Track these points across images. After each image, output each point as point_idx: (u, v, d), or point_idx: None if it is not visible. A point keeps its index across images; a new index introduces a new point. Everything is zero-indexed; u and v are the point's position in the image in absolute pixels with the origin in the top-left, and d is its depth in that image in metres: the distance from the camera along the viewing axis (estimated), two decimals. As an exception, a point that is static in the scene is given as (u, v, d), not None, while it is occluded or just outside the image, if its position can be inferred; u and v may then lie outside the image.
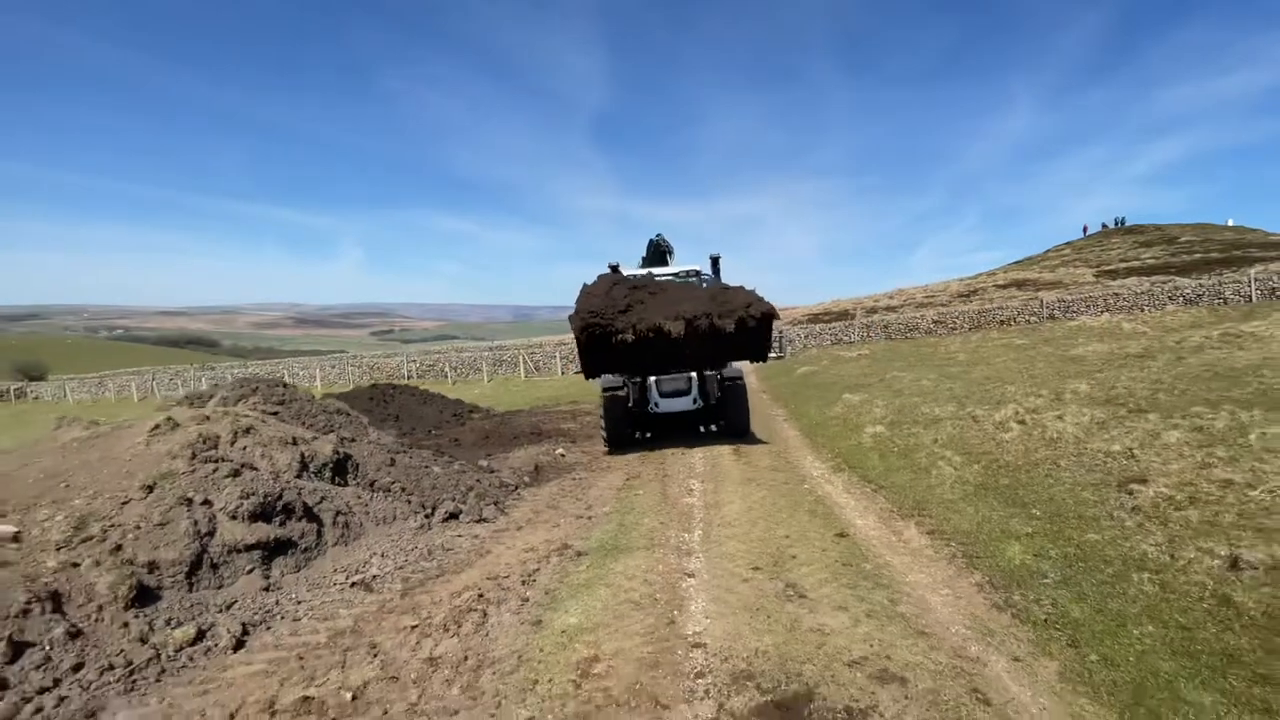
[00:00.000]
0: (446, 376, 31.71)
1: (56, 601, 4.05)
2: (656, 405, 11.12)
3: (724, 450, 10.17)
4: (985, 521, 5.80)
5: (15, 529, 4.46)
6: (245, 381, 8.08)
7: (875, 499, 7.25)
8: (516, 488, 8.32)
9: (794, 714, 3.25)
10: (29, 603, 3.95)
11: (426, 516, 6.52)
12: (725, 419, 11.13)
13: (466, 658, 4.09)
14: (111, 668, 3.88)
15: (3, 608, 3.88)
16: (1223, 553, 4.17)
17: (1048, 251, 55.29)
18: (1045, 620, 4.13)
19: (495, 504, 7.18)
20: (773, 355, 28.31)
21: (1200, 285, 24.99)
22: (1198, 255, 39.83)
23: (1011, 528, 5.54)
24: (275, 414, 7.08)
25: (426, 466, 7.46)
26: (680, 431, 11.81)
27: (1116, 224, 55.18)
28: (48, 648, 3.85)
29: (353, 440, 7.06)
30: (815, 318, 39.26)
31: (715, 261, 11.37)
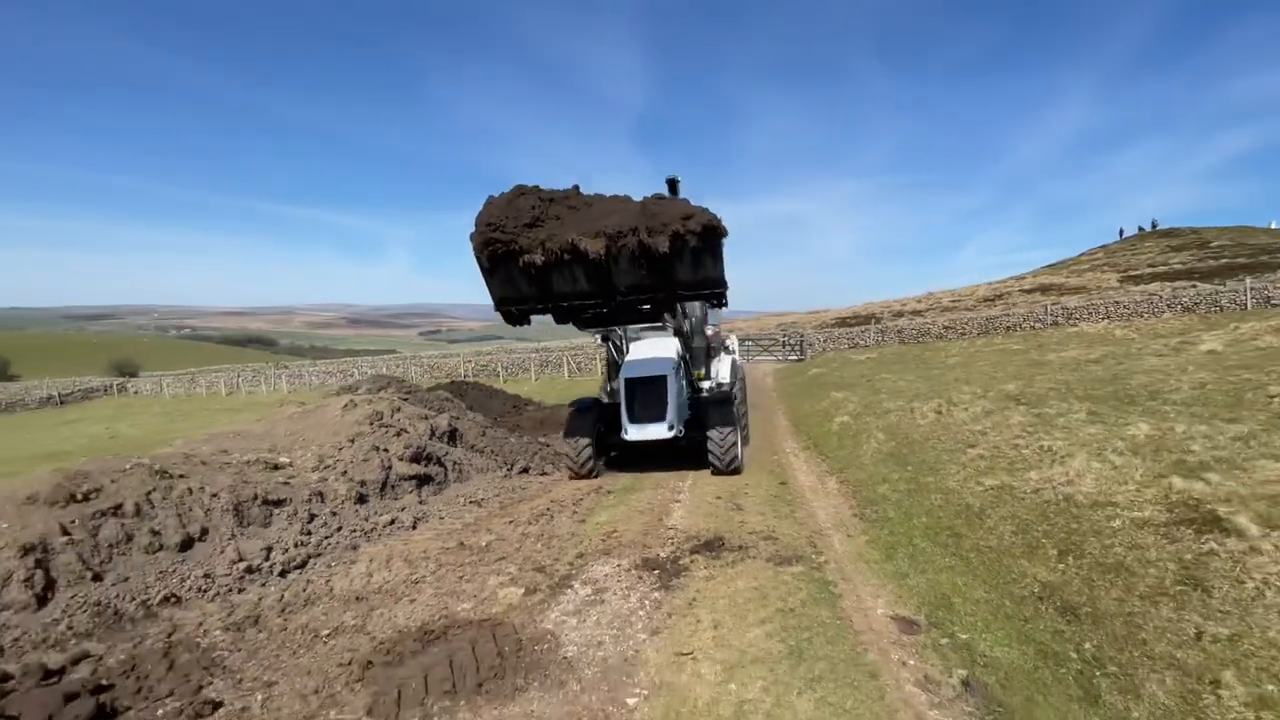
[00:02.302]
0: (499, 375, 35.37)
1: (321, 497, 7.41)
2: (626, 431, 9.67)
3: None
4: (876, 474, 8.72)
5: (288, 460, 7.86)
6: (378, 378, 11.55)
7: (820, 464, 10.22)
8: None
9: (713, 547, 6.34)
10: (309, 497, 7.32)
11: (508, 469, 9.80)
12: (709, 448, 9.33)
13: (542, 533, 7.30)
14: (354, 530, 7.22)
15: (298, 498, 7.25)
16: (987, 482, 7.02)
17: (1080, 255, 55.89)
18: (873, 519, 7.11)
19: (552, 464, 10.41)
20: (793, 357, 30.90)
21: (1199, 293, 26.53)
22: (1225, 260, 40.49)
23: (889, 476, 8.44)
24: (406, 399, 10.47)
25: (505, 438, 10.78)
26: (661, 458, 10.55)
27: (1152, 227, 55.39)
28: (323, 519, 7.20)
29: (457, 418, 10.39)
30: (842, 321, 41.42)
31: (673, 185, 8.09)
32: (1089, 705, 3.79)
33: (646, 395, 9.65)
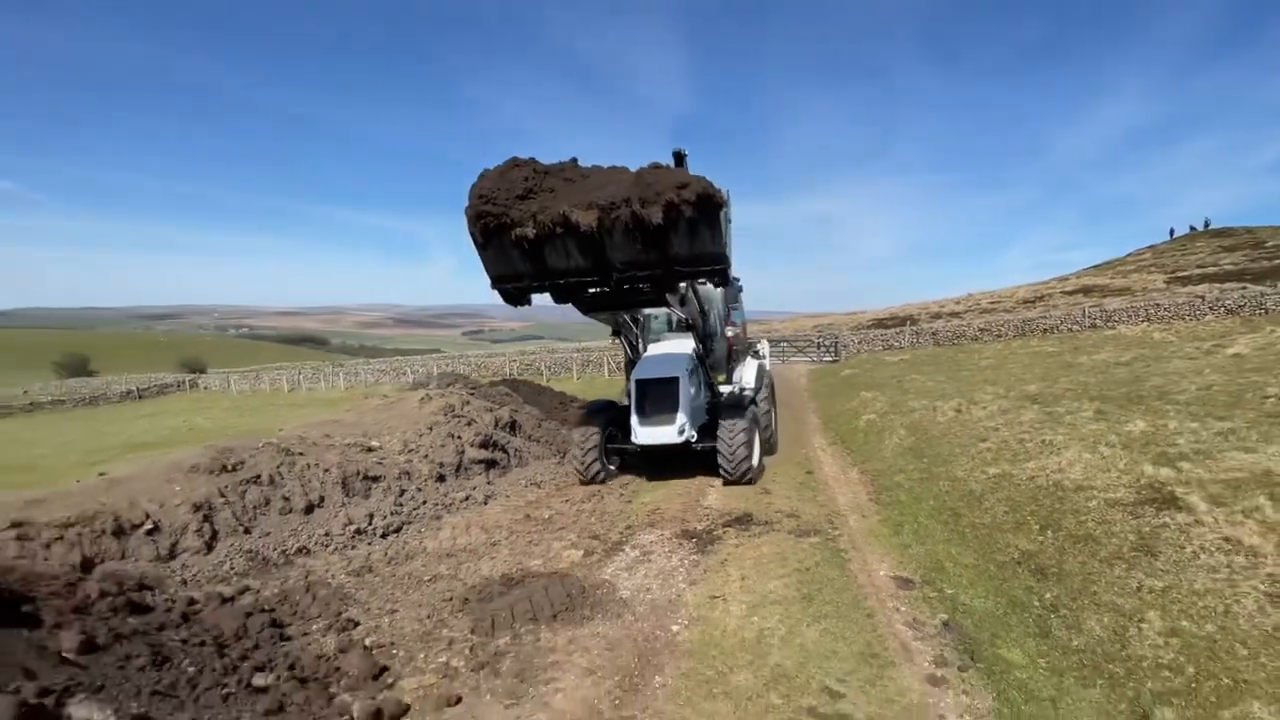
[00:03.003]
0: (542, 374, 36.88)
1: (408, 475, 8.71)
2: (635, 435, 9.44)
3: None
4: (895, 465, 9.61)
5: (379, 444, 9.20)
6: (445, 375, 12.94)
7: (845, 457, 11.13)
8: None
9: (743, 522, 7.39)
10: (398, 475, 8.63)
11: (560, 456, 11.00)
12: (719, 456, 8.90)
13: (595, 510, 8.44)
14: (436, 504, 8.49)
15: (390, 475, 8.55)
16: (990, 470, 7.88)
17: (1127, 256, 54.69)
18: (887, 502, 8.05)
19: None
20: (827, 359, 31.47)
21: (1244, 295, 26.21)
22: (1279, 261, 39.39)
23: (905, 467, 9.33)
24: (473, 394, 11.77)
25: (557, 429, 12.00)
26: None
27: (1205, 226, 53.82)
28: (410, 493, 8.49)
29: (516, 411, 11.65)
30: (879, 322, 41.69)
31: (679, 159, 7.34)
32: (1041, 638, 4.72)
33: (657, 398, 9.33)
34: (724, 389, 10.69)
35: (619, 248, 6.98)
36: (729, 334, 11.05)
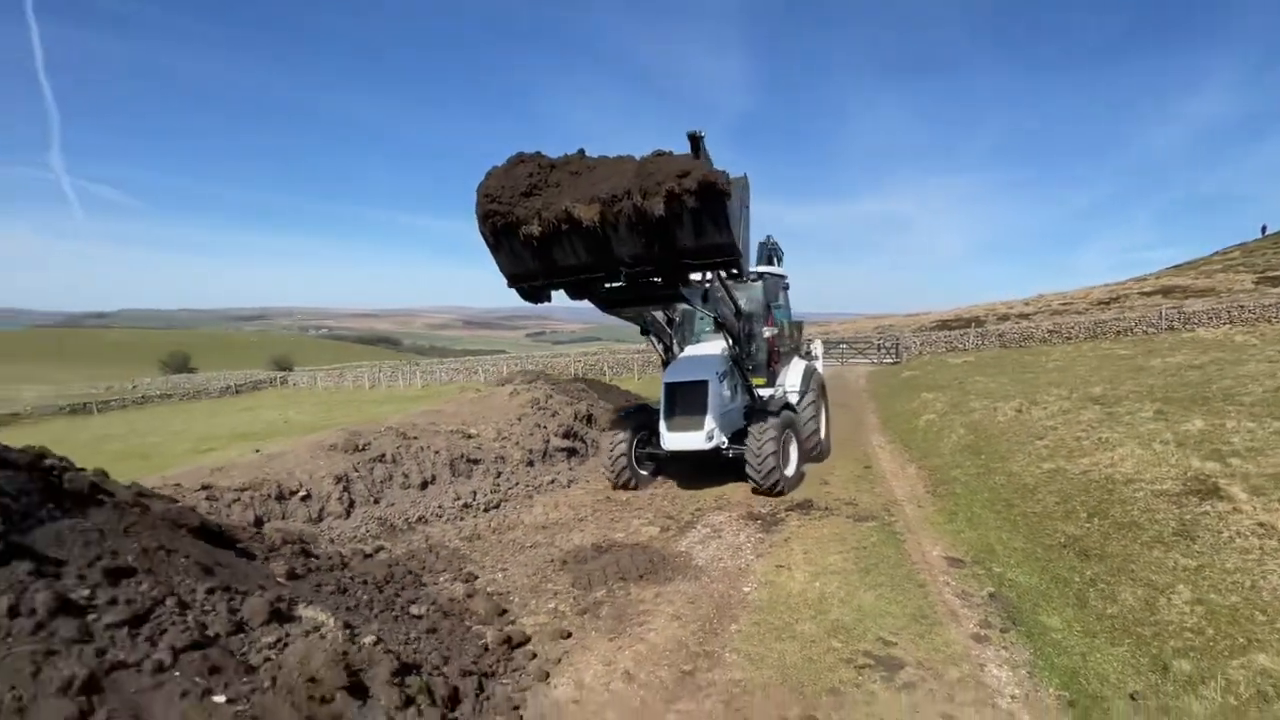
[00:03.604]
0: (604, 374, 38.09)
1: (502, 460, 9.81)
2: (664, 440, 9.32)
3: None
4: (952, 461, 10.06)
5: (476, 432, 10.35)
6: (527, 373, 14.13)
7: (903, 454, 11.60)
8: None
9: (804, 507, 8.10)
10: (494, 459, 9.72)
11: (632, 448, 11.91)
12: (746, 462, 8.72)
13: (667, 494, 9.31)
14: (528, 485, 9.53)
15: (487, 459, 9.66)
16: (1045, 466, 8.31)
17: (1212, 255, 51.53)
18: (943, 494, 8.57)
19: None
20: (887, 360, 31.33)
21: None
22: (1391, 258, 36.55)
23: (963, 463, 9.78)
24: (553, 389, 12.86)
25: (628, 424, 12.97)
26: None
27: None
28: (505, 475, 9.57)
29: (592, 405, 12.66)
30: (943, 324, 40.99)
31: (694, 142, 6.55)
32: (1078, 608, 5.27)
33: (686, 402, 9.16)
34: (765, 392, 10.39)
35: (624, 242, 6.71)
36: (766, 334, 10.60)
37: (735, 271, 7.26)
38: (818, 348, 13.08)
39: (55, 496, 4.01)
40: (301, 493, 7.25)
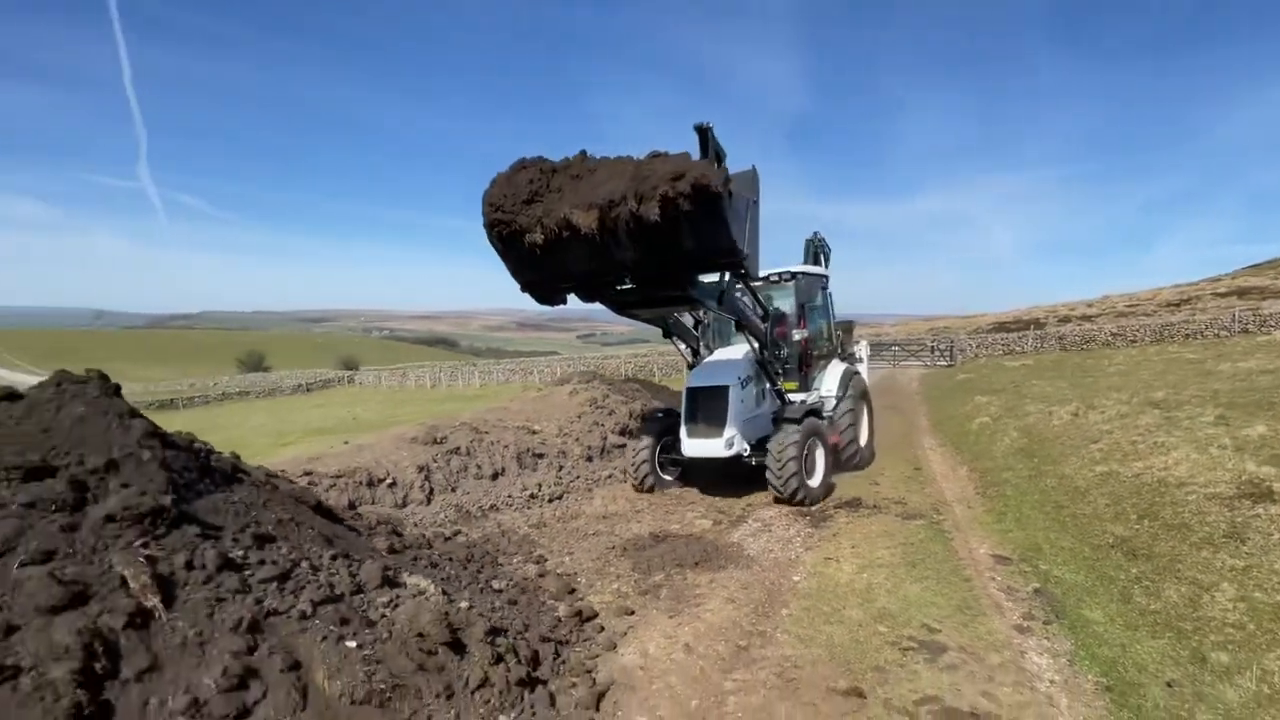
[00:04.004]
0: (654, 375, 38.64)
1: (564, 454, 10.44)
2: (684, 445, 9.19)
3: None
4: (1004, 464, 10.14)
5: (540, 429, 11.02)
6: (584, 373, 14.80)
7: (954, 457, 11.69)
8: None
9: (853, 505, 8.40)
10: (557, 453, 10.34)
11: (685, 447, 12.39)
12: (767, 470, 8.51)
13: (718, 490, 9.73)
14: (587, 479, 10.12)
15: (550, 453, 10.29)
16: (1098, 469, 8.37)
17: (1302, 252, 48.18)
18: (993, 495, 8.73)
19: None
20: (941, 363, 30.75)
21: None
22: None
23: (1014, 465, 9.86)
24: (610, 389, 13.47)
25: (680, 423, 13.46)
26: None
27: None
28: (567, 468, 10.19)
29: (644, 404, 13.20)
30: (1000, 326, 39.90)
31: (703, 135, 6.37)
32: (1122, 603, 5.46)
33: (707, 407, 9.00)
34: (796, 397, 10.07)
35: (625, 247, 6.53)
36: (796, 336, 10.25)
37: (744, 272, 7.19)
38: (863, 350, 12.67)
39: (208, 473, 4.78)
40: (388, 480, 8.02)
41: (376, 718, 3.65)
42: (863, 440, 11.03)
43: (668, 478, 9.88)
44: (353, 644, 3.89)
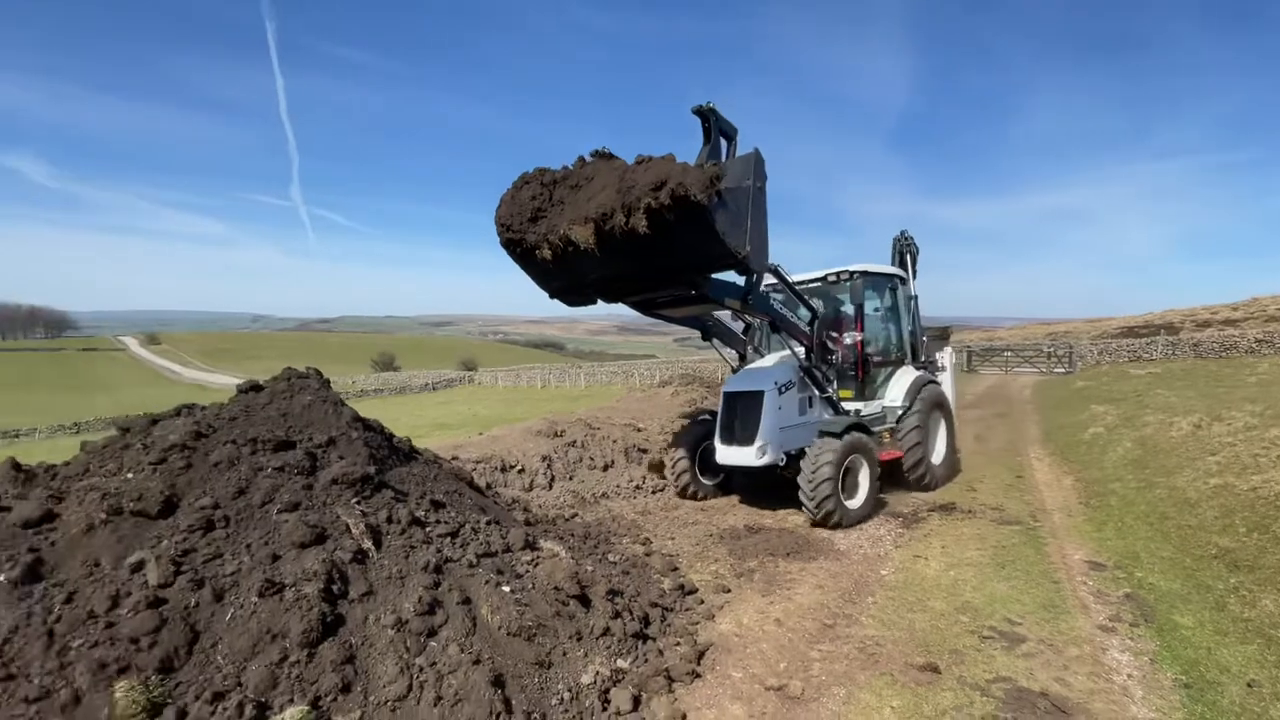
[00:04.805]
0: (751, 378, 38.95)
1: (643, 450, 11.28)
2: (718, 452, 8.96)
3: (966, 436, 14.64)
4: (1113, 474, 9.93)
5: (643, 426, 11.97)
6: (683, 376, 15.72)
7: (1060, 466, 11.48)
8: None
9: (947, 509, 8.68)
10: (659, 450, 11.24)
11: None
12: (800, 484, 8.12)
13: (814, 490, 10.24)
14: (634, 481, 10.88)
15: (653, 448, 11.19)
16: (1212, 481, 8.15)
17: None
18: (1096, 505, 8.68)
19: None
20: (1058, 370, 28.85)
21: None
22: None
23: (1124, 476, 9.65)
24: (708, 390, 14.29)
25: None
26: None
27: None
28: (631, 467, 11.04)
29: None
30: (1129, 330, 36.79)
31: (704, 118, 6.33)
32: (1215, 611, 5.56)
33: (742, 414, 8.68)
34: (853, 405, 9.61)
35: (625, 256, 6.34)
36: (849, 340, 9.75)
37: (745, 270, 6.83)
38: (945, 358, 11.80)
39: (394, 451, 6.04)
40: (518, 467, 9.24)
41: (526, 648, 4.63)
42: (936, 458, 10.20)
43: (708, 483, 9.72)
44: (507, 589, 4.92)
